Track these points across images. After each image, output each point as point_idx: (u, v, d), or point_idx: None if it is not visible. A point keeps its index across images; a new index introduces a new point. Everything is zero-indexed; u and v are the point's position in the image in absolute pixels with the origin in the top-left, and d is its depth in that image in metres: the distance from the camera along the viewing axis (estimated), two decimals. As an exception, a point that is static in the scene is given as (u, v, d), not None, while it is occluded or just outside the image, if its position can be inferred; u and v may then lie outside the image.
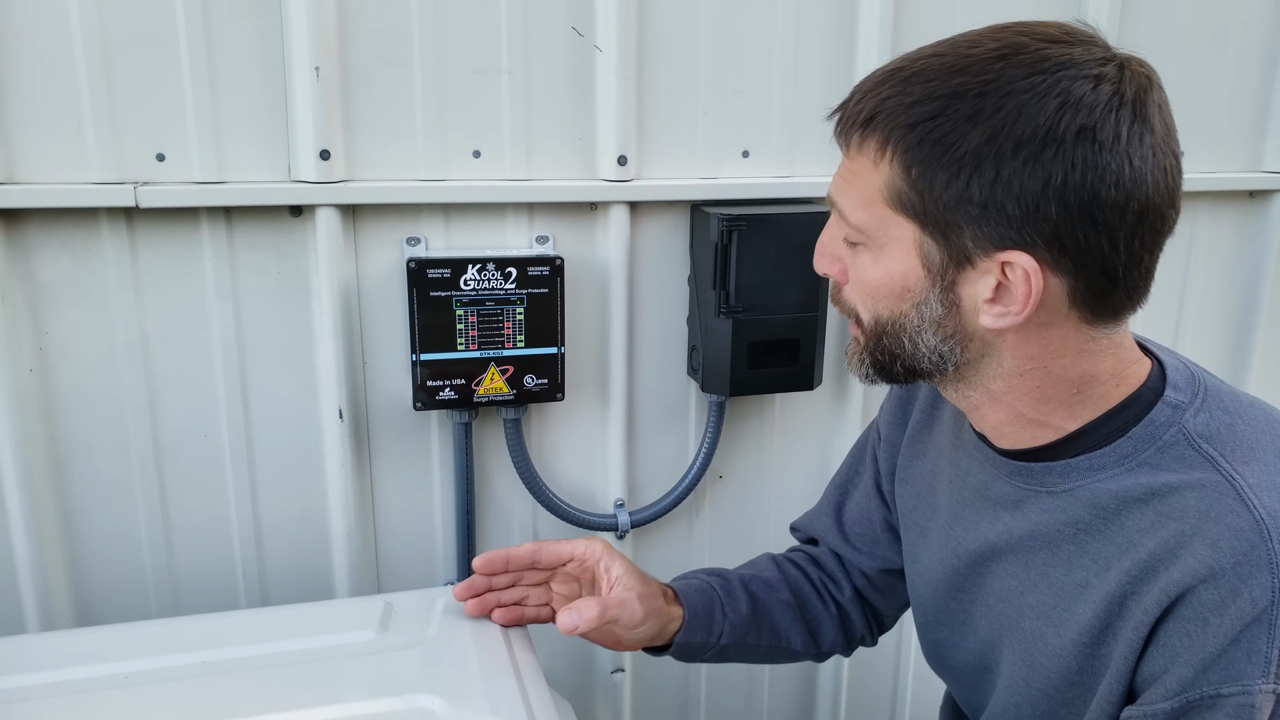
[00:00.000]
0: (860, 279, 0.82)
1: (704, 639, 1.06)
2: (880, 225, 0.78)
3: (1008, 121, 0.70)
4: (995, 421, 0.86)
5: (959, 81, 0.72)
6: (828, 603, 1.15)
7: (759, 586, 1.13)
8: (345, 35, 1.24)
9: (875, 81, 0.77)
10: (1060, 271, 0.74)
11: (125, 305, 1.26)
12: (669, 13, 1.35)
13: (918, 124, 0.73)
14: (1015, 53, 0.72)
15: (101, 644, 1.03)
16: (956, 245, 0.75)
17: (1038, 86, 0.70)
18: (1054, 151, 0.70)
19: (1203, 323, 1.75)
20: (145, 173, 1.22)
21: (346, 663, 0.99)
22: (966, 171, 0.71)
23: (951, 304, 0.77)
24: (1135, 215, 0.72)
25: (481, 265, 1.31)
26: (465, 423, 1.38)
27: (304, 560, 1.40)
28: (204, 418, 1.32)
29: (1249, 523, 0.72)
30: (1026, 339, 0.78)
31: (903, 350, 0.81)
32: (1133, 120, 0.71)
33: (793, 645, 1.13)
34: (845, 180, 0.80)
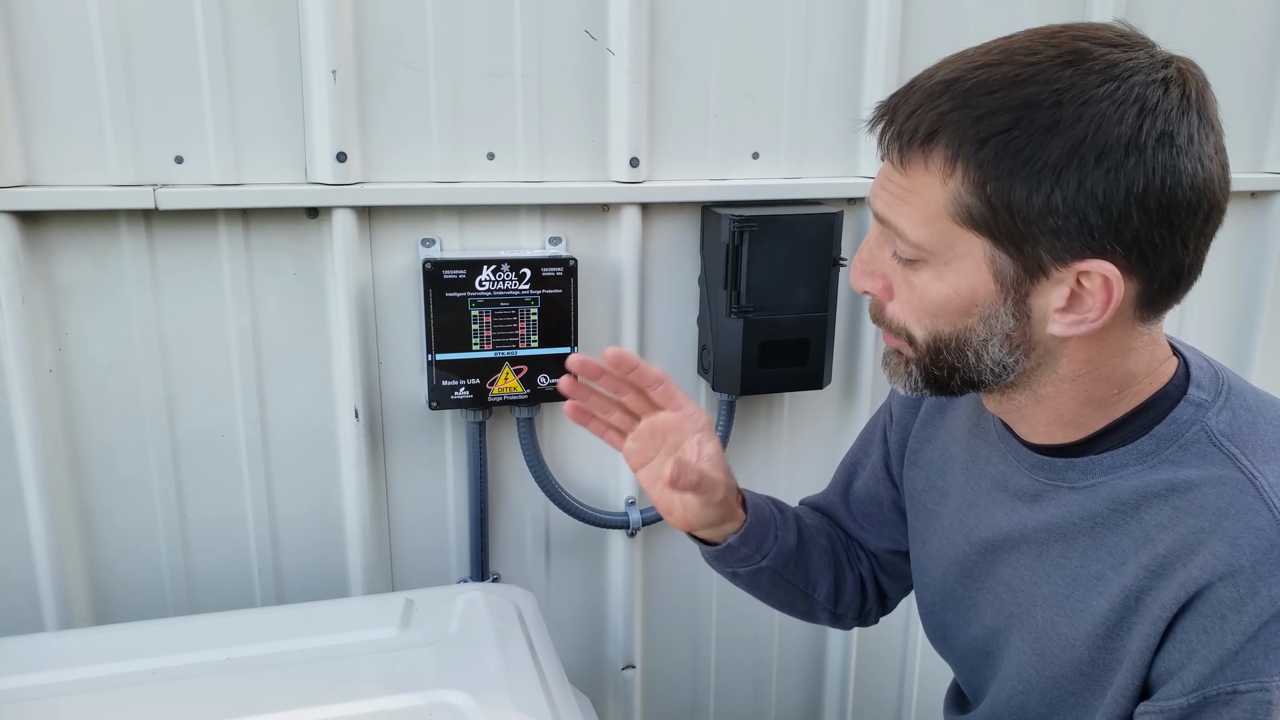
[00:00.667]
0: (919, 296, 0.79)
1: (751, 552, 1.02)
2: (945, 242, 0.75)
3: (1089, 132, 0.69)
4: (1034, 423, 0.86)
5: (1029, 92, 0.70)
6: (852, 566, 1.14)
7: (805, 527, 1.09)
8: (362, 39, 1.25)
9: (929, 94, 0.74)
10: (1135, 275, 0.73)
11: (144, 306, 1.27)
12: (681, 17, 1.36)
13: (990, 137, 0.70)
14: (1081, 59, 0.71)
15: (121, 642, 1.04)
16: (1031, 257, 0.73)
17: (1115, 94, 0.69)
18: (1136, 159, 0.69)
19: (1205, 322, 1.77)
20: (164, 175, 1.23)
21: (369, 659, 1.01)
22: (1048, 184, 0.70)
23: (1023, 315, 0.76)
24: (1205, 214, 0.73)
25: (496, 266, 1.32)
26: (479, 422, 1.40)
27: (319, 558, 1.41)
28: (221, 418, 1.33)
29: (1269, 521, 0.73)
30: (1087, 343, 0.77)
31: (965, 364, 0.79)
32: (1200, 122, 0.71)
33: (817, 594, 1.09)
34: (898, 197, 0.77)
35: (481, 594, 1.15)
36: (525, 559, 1.51)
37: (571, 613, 1.56)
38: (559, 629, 1.55)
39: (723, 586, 1.63)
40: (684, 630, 1.64)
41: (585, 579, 1.55)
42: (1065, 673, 0.85)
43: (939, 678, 1.16)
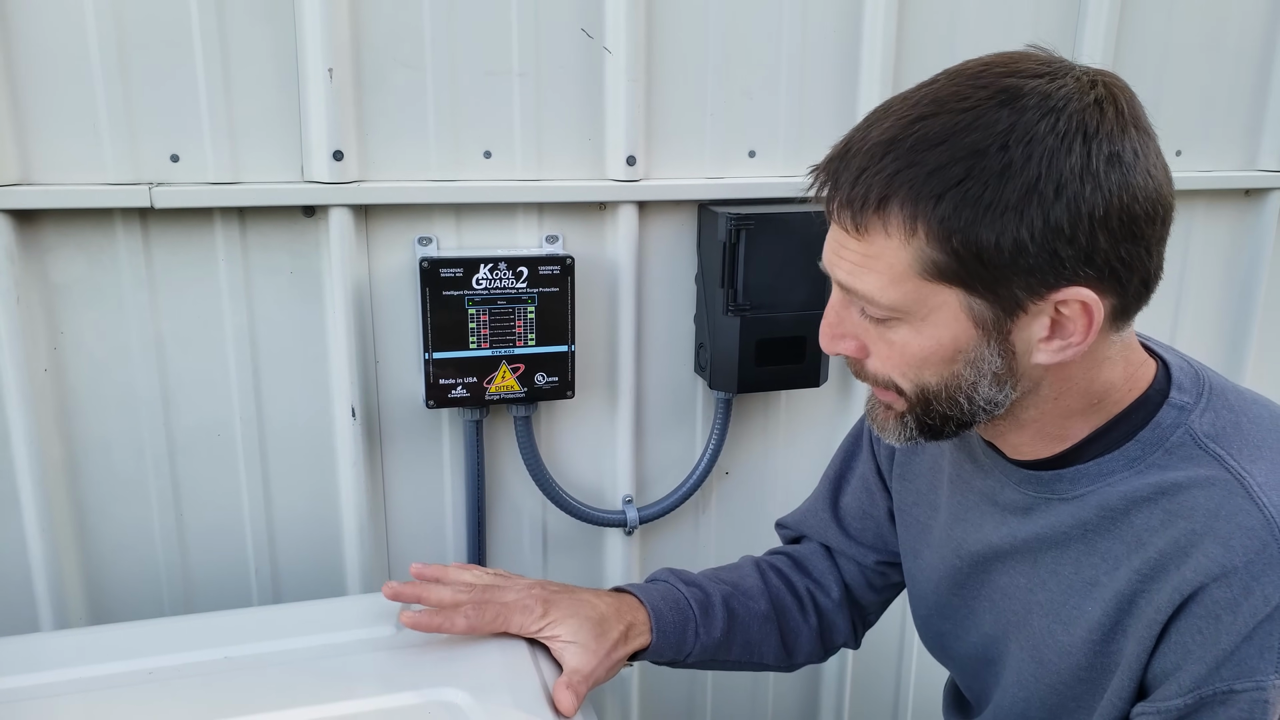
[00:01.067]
0: (899, 352, 0.79)
1: (674, 656, 1.04)
2: (918, 299, 0.75)
3: (1042, 169, 0.70)
4: (1016, 441, 0.86)
5: (973, 139, 0.70)
6: (808, 614, 1.13)
7: (739, 602, 1.09)
8: (358, 37, 1.25)
9: (870, 156, 0.74)
10: (1108, 293, 0.74)
11: (140, 305, 1.26)
12: (677, 15, 1.36)
13: (945, 192, 0.71)
14: (1014, 98, 0.71)
15: (117, 641, 1.03)
16: (1007, 297, 0.73)
17: (1056, 127, 0.70)
18: (1093, 185, 0.70)
19: (1200, 319, 1.78)
20: (160, 173, 1.22)
21: (367, 657, 1.00)
22: (1013, 225, 0.70)
23: (1008, 352, 0.76)
24: (1161, 220, 0.74)
25: (493, 264, 1.32)
26: (476, 420, 1.40)
27: (316, 557, 1.41)
28: (217, 416, 1.33)
29: (1260, 521, 0.73)
30: (1065, 365, 0.78)
31: (957, 409, 0.80)
32: (1138, 134, 0.73)
33: (765, 660, 1.11)
34: (860, 265, 0.76)
35: (479, 592, 1.15)
36: (523, 557, 1.51)
37: (569, 611, 1.56)
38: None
39: (720, 585, 1.63)
40: (681, 628, 1.64)
41: (583, 577, 1.55)
42: (1064, 679, 0.86)
43: (935, 678, 1.16)
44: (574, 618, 0.98)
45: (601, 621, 0.98)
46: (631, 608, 1.02)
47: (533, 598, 1.00)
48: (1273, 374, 1.86)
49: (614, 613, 1.00)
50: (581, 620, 0.98)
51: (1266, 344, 1.83)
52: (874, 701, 1.79)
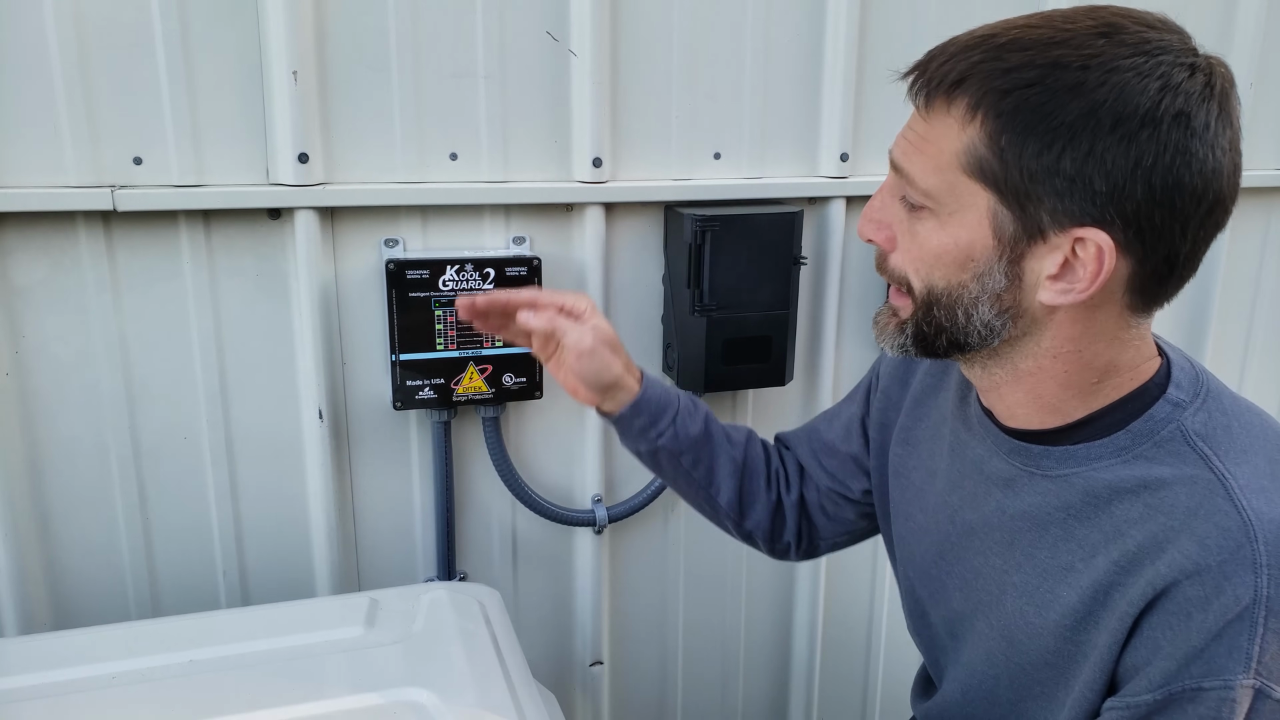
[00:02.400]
0: (919, 245, 0.80)
1: (645, 425, 1.08)
2: (952, 191, 0.76)
3: (1110, 97, 0.70)
4: (1011, 402, 0.87)
5: (1060, 53, 0.71)
6: (771, 488, 1.17)
7: (718, 430, 1.15)
8: (323, 39, 1.25)
9: (963, 46, 0.76)
10: (1129, 254, 0.74)
11: (103, 308, 1.26)
12: (642, 18, 1.37)
13: (1014, 90, 0.72)
14: (1116, 32, 0.72)
15: (82, 646, 1.03)
16: (1033, 217, 0.74)
17: (1141, 67, 0.70)
18: (1150, 132, 0.70)
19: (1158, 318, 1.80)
20: (122, 176, 1.22)
21: (334, 659, 1.01)
22: (1060, 143, 0.71)
23: (1015, 277, 0.77)
24: (1209, 205, 0.73)
25: (460, 266, 1.32)
26: (444, 421, 1.40)
27: (285, 560, 1.41)
28: (184, 419, 1.32)
29: (1237, 523, 0.74)
30: (1073, 319, 0.78)
31: (953, 322, 0.80)
32: (1219, 113, 0.72)
33: (718, 498, 1.14)
34: (915, 145, 0.78)
35: (446, 593, 1.15)
36: (492, 557, 1.52)
37: (539, 610, 1.57)
38: (527, 626, 1.56)
39: (689, 581, 1.65)
40: (651, 626, 1.65)
41: (552, 576, 1.56)
42: (1033, 660, 0.87)
43: (904, 668, 1.18)
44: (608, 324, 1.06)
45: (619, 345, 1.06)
46: (634, 368, 1.09)
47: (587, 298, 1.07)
48: (1228, 374, 1.90)
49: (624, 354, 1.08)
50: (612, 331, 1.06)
51: (1221, 343, 1.86)
52: (843, 691, 1.82)
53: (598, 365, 1.03)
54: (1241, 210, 1.80)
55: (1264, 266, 1.87)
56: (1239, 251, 1.83)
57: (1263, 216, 1.83)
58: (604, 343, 1.03)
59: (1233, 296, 1.85)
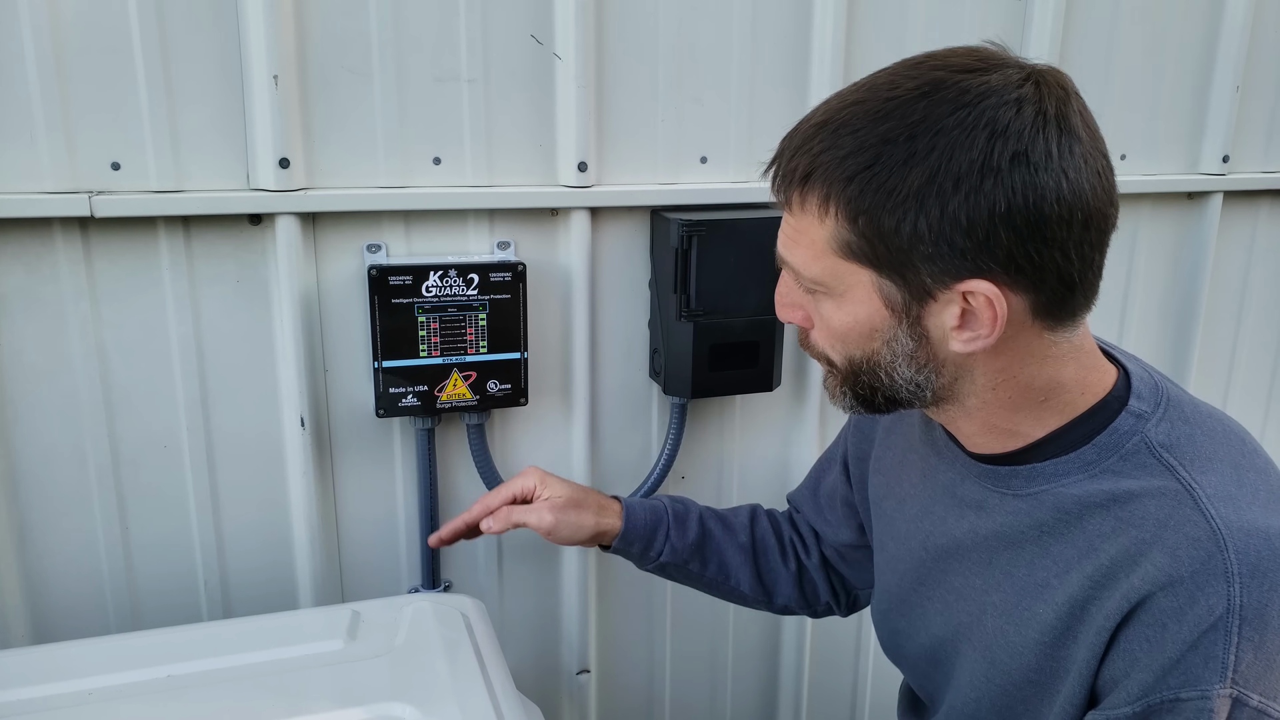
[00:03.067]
0: (826, 325, 0.83)
1: (641, 551, 1.15)
2: (835, 275, 0.79)
3: (943, 160, 0.71)
4: (969, 432, 0.88)
5: (887, 128, 0.73)
6: (789, 560, 1.21)
7: (717, 525, 1.19)
8: (304, 43, 1.23)
9: (804, 137, 0.78)
10: (1019, 290, 0.75)
11: (81, 316, 1.24)
12: (627, 21, 1.36)
13: (855, 175, 0.74)
14: (935, 89, 0.73)
15: (60, 661, 1.02)
16: (915, 283, 0.76)
17: (964, 121, 0.71)
18: (993, 181, 0.71)
19: (1146, 320, 1.81)
20: (100, 182, 1.20)
21: (315, 673, 0.99)
22: (912, 213, 0.73)
23: (921, 336, 0.79)
24: (1081, 224, 0.74)
25: (443, 272, 1.31)
26: (428, 429, 1.38)
27: (267, 570, 1.39)
28: (164, 428, 1.31)
29: (1206, 532, 0.74)
30: (995, 354, 0.79)
31: (880, 384, 0.83)
32: (1060, 135, 0.72)
33: (741, 587, 1.19)
34: (791, 239, 0.81)
35: (430, 604, 1.14)
36: (477, 566, 1.51)
37: (525, 618, 1.56)
38: (513, 635, 1.55)
39: (677, 589, 1.63)
40: (638, 634, 1.64)
41: (539, 584, 1.55)
42: (1015, 680, 0.87)
43: (892, 680, 1.17)
44: (562, 485, 1.15)
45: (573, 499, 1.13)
46: (610, 502, 1.16)
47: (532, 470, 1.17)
48: (1217, 370, 1.91)
49: (591, 494, 1.16)
50: (567, 488, 1.14)
51: (1209, 342, 1.86)
52: (831, 702, 1.81)
53: (568, 533, 1.11)
54: (1229, 214, 1.82)
55: (1250, 269, 1.87)
56: (1226, 255, 1.83)
57: (1249, 220, 1.84)
58: (566, 508, 1.11)
59: (1219, 300, 1.85)
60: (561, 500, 1.12)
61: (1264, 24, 1.71)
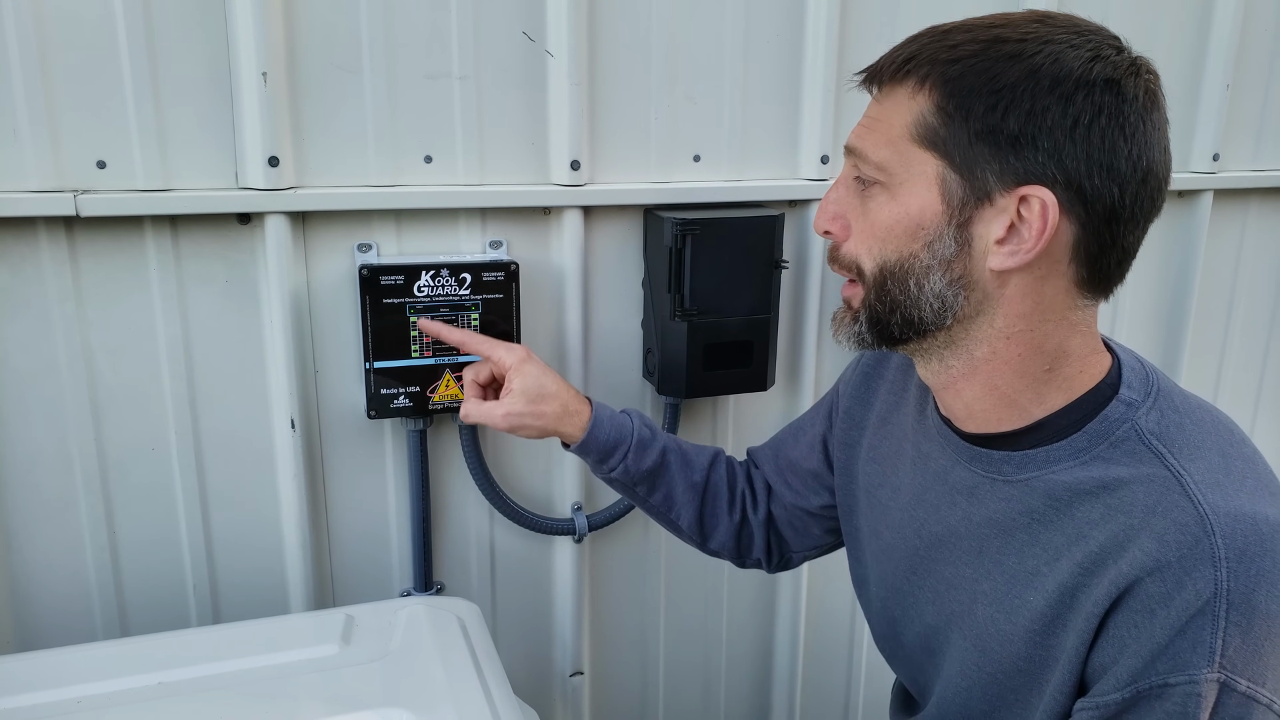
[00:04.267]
0: (871, 222, 0.84)
1: (595, 463, 1.18)
2: (903, 161, 0.81)
3: (1046, 62, 0.76)
4: (969, 398, 0.88)
5: (1000, 31, 0.78)
6: (734, 509, 1.23)
7: (676, 458, 1.20)
8: (293, 40, 1.22)
9: (912, 38, 0.82)
10: (1071, 216, 0.78)
11: (66, 317, 1.22)
12: (620, 18, 1.35)
13: (959, 60, 0.78)
14: (1050, 18, 0.80)
15: (46, 669, 1.00)
16: (980, 180, 0.78)
17: (1073, 41, 0.77)
18: (1085, 94, 0.76)
19: (1137, 316, 1.81)
20: (85, 180, 1.18)
21: (309, 679, 0.98)
22: (1003, 103, 0.76)
23: (964, 242, 0.80)
24: (1144, 173, 0.78)
25: (435, 271, 1.30)
26: (420, 430, 1.37)
27: (257, 575, 1.37)
28: (151, 430, 1.29)
29: (1193, 518, 0.75)
30: (1023, 293, 0.81)
31: (907, 295, 0.83)
32: (1147, 91, 0.78)
33: (679, 522, 1.22)
34: (868, 126, 0.84)
35: (424, 608, 1.13)
36: (470, 568, 1.49)
37: (518, 620, 1.54)
38: (506, 637, 1.54)
39: (671, 590, 1.63)
40: (632, 635, 1.63)
41: (532, 586, 1.54)
42: (1005, 669, 0.87)
43: (886, 678, 1.17)
44: (532, 378, 1.15)
45: (542, 395, 1.15)
46: (581, 408, 1.17)
47: (521, 348, 1.19)
48: (1207, 370, 1.91)
49: (561, 396, 1.16)
50: (535, 383, 1.15)
51: (1199, 340, 1.87)
52: (824, 703, 1.80)
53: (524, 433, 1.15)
54: (1219, 212, 1.82)
55: (1240, 266, 1.87)
56: (1216, 252, 1.83)
57: (1239, 217, 1.84)
58: (524, 411, 1.14)
59: (1210, 297, 1.86)
60: (520, 402, 1.14)
61: (1254, 23, 1.71)
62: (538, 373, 1.15)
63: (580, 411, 1.16)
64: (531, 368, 1.15)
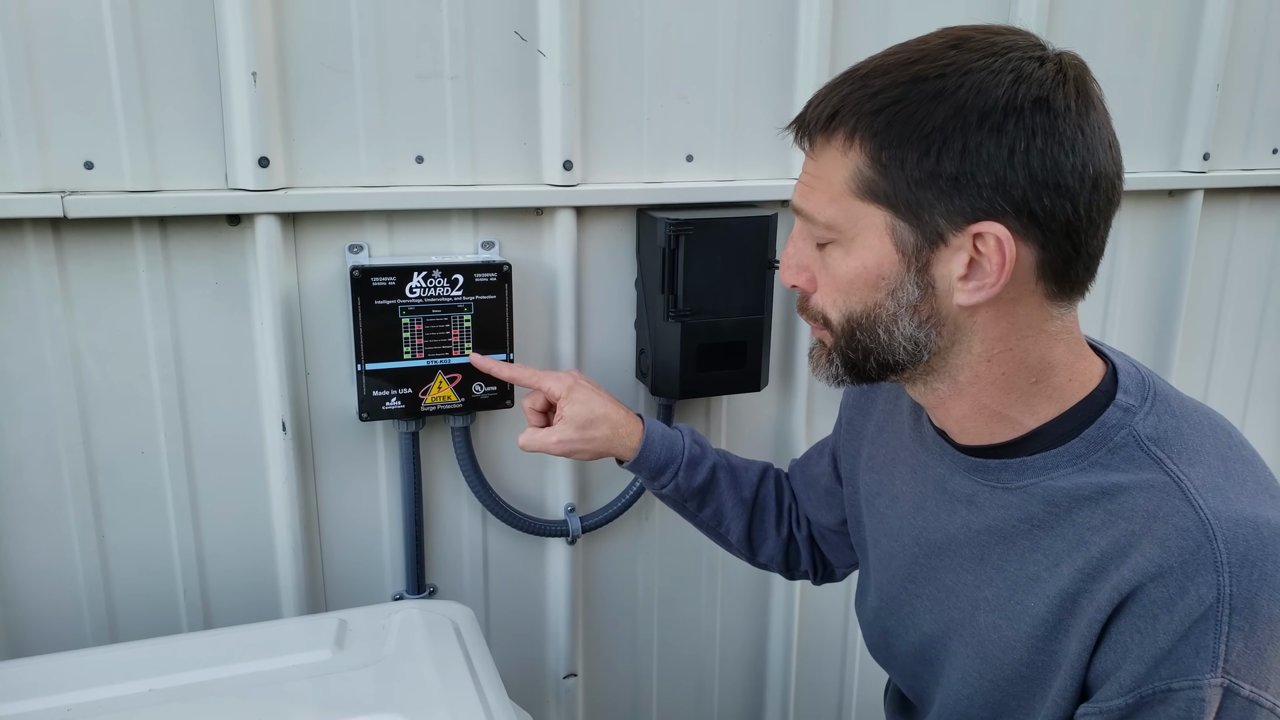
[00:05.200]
0: (832, 277, 0.83)
1: (648, 479, 1.20)
2: (849, 217, 0.80)
3: (969, 96, 0.74)
4: (959, 415, 0.87)
5: (918, 69, 0.76)
6: (782, 524, 1.24)
7: (726, 475, 1.22)
8: (283, 39, 1.21)
9: (832, 86, 0.80)
10: (1029, 240, 0.76)
11: (54, 319, 1.21)
12: (612, 17, 1.35)
13: (883, 109, 0.76)
14: (964, 42, 0.77)
15: (36, 676, 0.99)
16: (929, 224, 0.77)
17: (991, 65, 0.75)
18: (1015, 120, 0.74)
19: (1129, 315, 1.82)
20: (73, 181, 1.17)
21: (303, 684, 0.97)
22: (936, 146, 0.74)
23: (927, 285, 0.79)
24: (1092, 182, 0.76)
25: (427, 272, 1.29)
26: (412, 432, 1.36)
27: (248, 579, 1.36)
28: (141, 433, 1.27)
29: (1195, 523, 0.75)
30: (995, 319, 0.80)
31: (877, 343, 0.82)
32: (1077, 95, 0.76)
33: (729, 536, 1.23)
34: (808, 185, 0.82)
35: (418, 612, 1.12)
36: (463, 570, 1.48)
37: (512, 622, 1.54)
38: (499, 639, 1.53)
39: (664, 591, 1.62)
40: (625, 637, 1.63)
41: (525, 588, 1.53)
42: (1007, 675, 0.87)
43: (880, 678, 1.17)
44: (583, 405, 1.16)
45: (591, 420, 1.16)
46: (633, 427, 1.18)
47: (569, 375, 1.20)
48: (1198, 366, 1.92)
49: (611, 418, 1.17)
50: (586, 409, 1.16)
51: (1190, 338, 1.88)
52: (818, 703, 1.80)
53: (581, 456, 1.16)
54: (1209, 211, 1.83)
55: (1230, 265, 1.88)
56: (1206, 251, 1.84)
57: (1229, 216, 1.85)
58: (577, 428, 1.14)
59: (1200, 295, 1.86)
60: (574, 426, 1.15)
61: (1244, 23, 1.72)
62: (586, 398, 1.16)
63: (633, 431, 1.17)
64: (580, 394, 1.16)
